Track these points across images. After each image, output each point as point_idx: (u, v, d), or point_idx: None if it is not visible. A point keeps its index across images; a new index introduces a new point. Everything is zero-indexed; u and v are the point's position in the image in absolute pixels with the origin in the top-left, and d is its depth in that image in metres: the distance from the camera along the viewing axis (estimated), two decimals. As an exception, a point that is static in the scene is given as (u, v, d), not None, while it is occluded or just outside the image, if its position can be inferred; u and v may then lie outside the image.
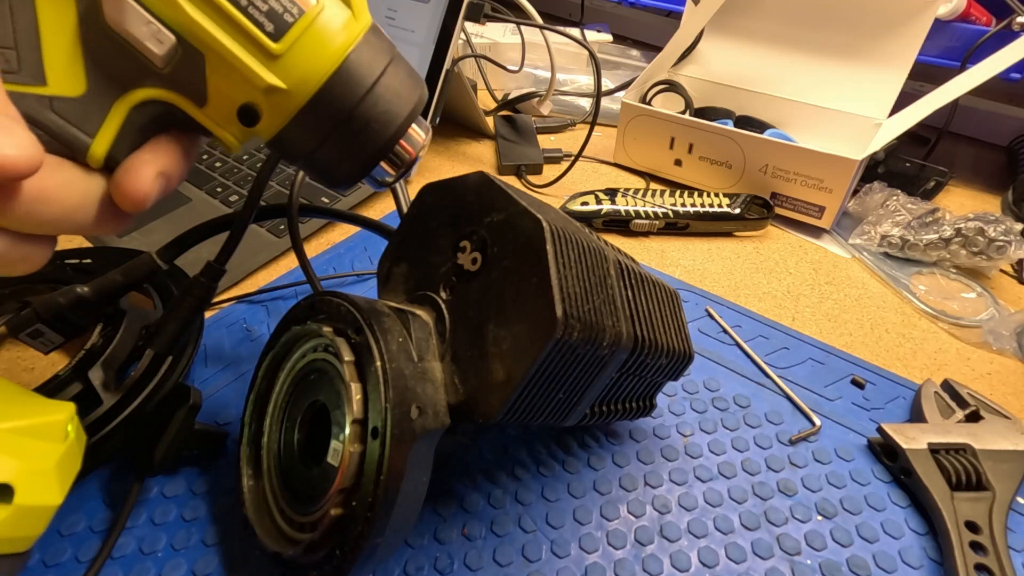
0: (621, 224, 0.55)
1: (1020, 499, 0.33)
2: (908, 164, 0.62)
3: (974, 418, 0.36)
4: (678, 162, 0.62)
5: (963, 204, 0.65)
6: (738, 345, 0.43)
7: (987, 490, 0.32)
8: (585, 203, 0.56)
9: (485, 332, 0.23)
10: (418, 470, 0.23)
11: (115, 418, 0.29)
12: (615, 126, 0.67)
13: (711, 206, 0.55)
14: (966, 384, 0.38)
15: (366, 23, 0.20)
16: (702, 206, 0.55)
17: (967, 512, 0.31)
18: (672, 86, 0.67)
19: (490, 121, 0.72)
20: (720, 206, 0.55)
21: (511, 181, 0.64)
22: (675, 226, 0.55)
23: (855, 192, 0.59)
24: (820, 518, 0.32)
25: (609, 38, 0.95)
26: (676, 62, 0.71)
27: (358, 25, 0.20)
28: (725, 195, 0.57)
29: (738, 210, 0.55)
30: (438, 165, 0.65)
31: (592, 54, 0.58)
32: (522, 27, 0.70)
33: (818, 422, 0.37)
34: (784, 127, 0.66)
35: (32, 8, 0.16)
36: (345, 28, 0.19)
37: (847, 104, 0.62)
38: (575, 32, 0.89)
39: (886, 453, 0.35)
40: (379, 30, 0.21)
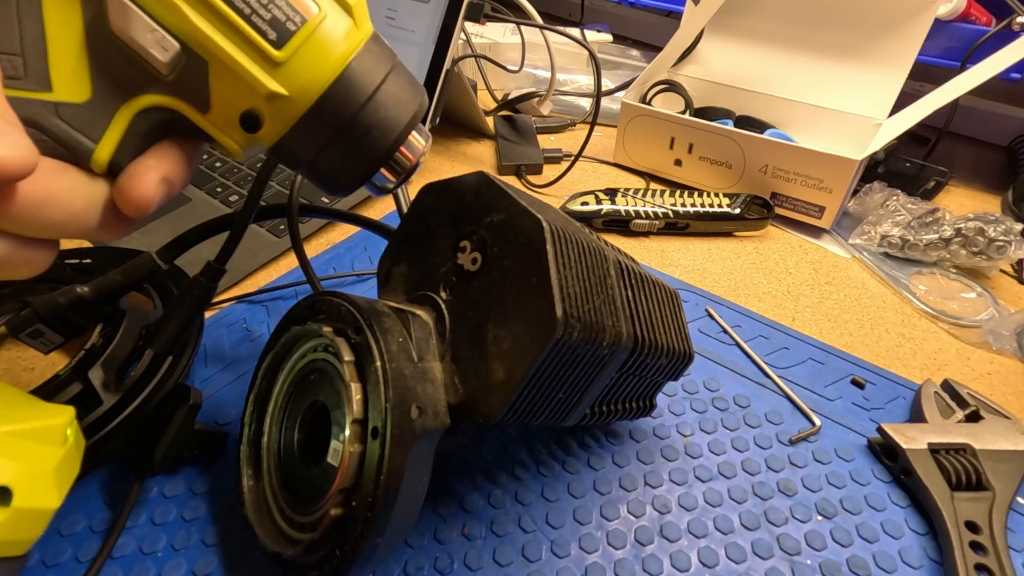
0: (621, 224, 0.55)
1: (1020, 499, 0.33)
2: (908, 164, 0.62)
3: (974, 418, 0.36)
4: (678, 162, 0.62)
5: (963, 204, 0.65)
6: (738, 345, 0.43)
7: (987, 490, 0.32)
8: (585, 203, 0.56)
9: (485, 332, 0.23)
10: (418, 470, 0.23)
11: (115, 418, 0.29)
12: (615, 126, 0.66)
13: (711, 206, 0.55)
14: (966, 384, 0.38)
15: (367, 32, 0.20)
16: (702, 206, 0.55)
17: (967, 512, 0.31)
18: (672, 86, 0.67)
19: (490, 121, 0.72)
20: (720, 206, 0.55)
21: (511, 181, 0.64)
22: (675, 226, 0.55)
23: (855, 192, 0.59)
24: (820, 518, 0.32)
25: (609, 38, 0.95)
26: (676, 62, 0.71)
27: (359, 34, 0.20)
28: (725, 195, 0.57)
29: (738, 210, 0.55)
30: (438, 165, 0.65)
31: (592, 54, 0.58)
32: (522, 27, 0.70)
33: (818, 422, 0.37)
34: (784, 127, 0.66)
35: (39, 16, 0.17)
36: (347, 36, 0.19)
37: (847, 104, 0.62)
38: (575, 32, 0.89)
39: (886, 453, 0.35)
40: (380, 39, 0.21)
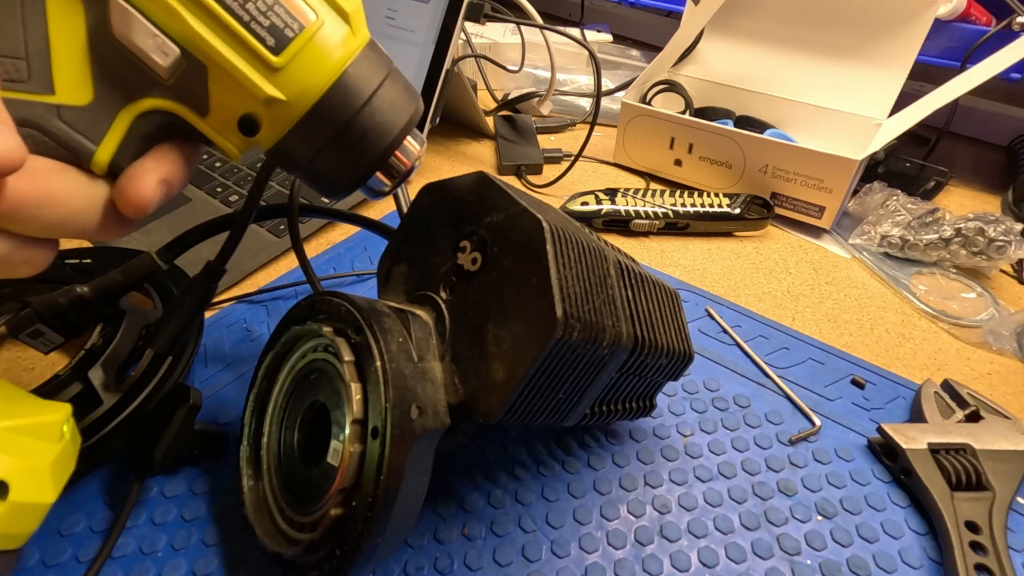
0: (621, 224, 0.55)
1: (1020, 499, 0.33)
2: (908, 164, 0.62)
3: (974, 418, 0.36)
4: (678, 162, 0.62)
5: (963, 204, 0.65)
6: (738, 345, 0.43)
7: (987, 490, 0.32)
8: (585, 203, 0.56)
9: (485, 332, 0.23)
10: (418, 470, 0.23)
11: (115, 418, 0.29)
12: (615, 126, 0.66)
13: (711, 206, 0.55)
14: (966, 384, 0.38)
15: (364, 39, 0.21)
16: (702, 206, 0.55)
17: (967, 512, 0.31)
18: (672, 86, 0.67)
19: (490, 121, 0.72)
20: (720, 206, 0.55)
21: (511, 181, 0.64)
22: (675, 226, 0.55)
23: (855, 192, 0.59)
24: (820, 518, 0.32)
25: (609, 38, 0.95)
26: (676, 62, 0.71)
27: (356, 40, 0.20)
28: (725, 195, 0.57)
29: (738, 210, 0.55)
30: (438, 165, 0.65)
31: (592, 54, 0.58)
32: (522, 27, 0.70)
33: (818, 422, 0.37)
34: (784, 127, 0.66)
35: (43, 20, 0.17)
36: (343, 43, 0.20)
37: (847, 104, 0.62)
38: (575, 32, 0.89)
39: (886, 453, 0.35)
40: (377, 46, 0.22)
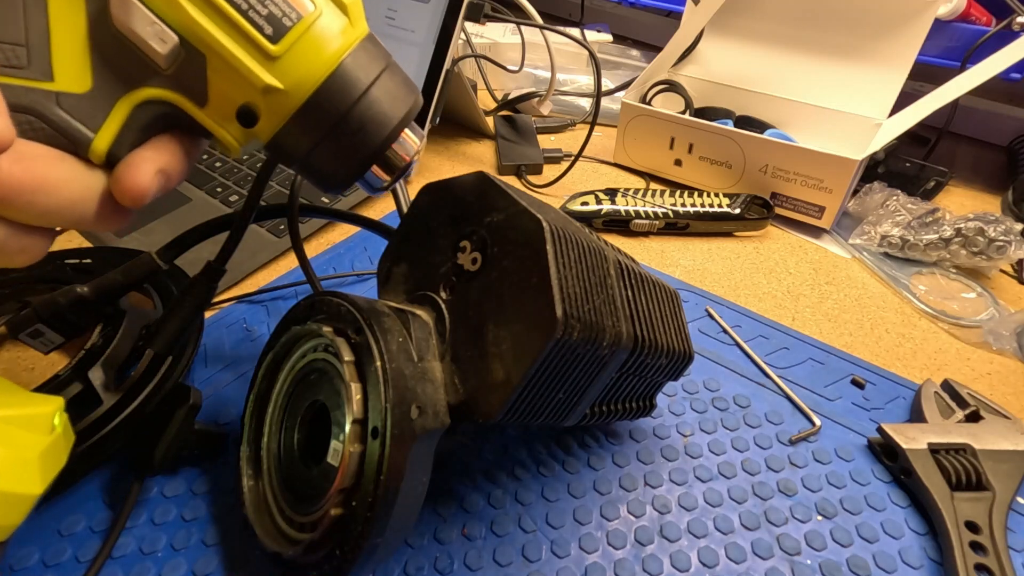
0: (621, 224, 0.55)
1: (1020, 499, 0.33)
2: (908, 164, 0.62)
3: (974, 418, 0.36)
4: (678, 162, 0.62)
5: (963, 204, 0.65)
6: (738, 345, 0.43)
7: (987, 490, 0.32)
8: (585, 203, 0.56)
9: (485, 332, 0.23)
10: (418, 470, 0.23)
11: (115, 418, 0.29)
12: (615, 126, 0.66)
13: (711, 206, 0.55)
14: (966, 384, 0.38)
15: (362, 31, 0.21)
16: (702, 206, 0.55)
17: (967, 512, 0.31)
18: (672, 86, 0.67)
19: (490, 121, 0.72)
20: (720, 206, 0.55)
21: (511, 181, 0.64)
22: (675, 226, 0.55)
23: (855, 192, 0.59)
24: (820, 518, 0.32)
25: (609, 38, 0.95)
26: (676, 62, 0.71)
27: (354, 32, 0.20)
28: (725, 195, 0.57)
29: (738, 210, 0.55)
30: (438, 165, 0.65)
31: (592, 54, 0.58)
32: (522, 27, 0.70)
33: (818, 422, 0.37)
34: (784, 127, 0.66)
35: (44, 8, 0.17)
36: (342, 34, 0.20)
37: (847, 104, 0.62)
38: (575, 32, 0.89)
39: (886, 453, 0.35)
40: (375, 39, 0.22)
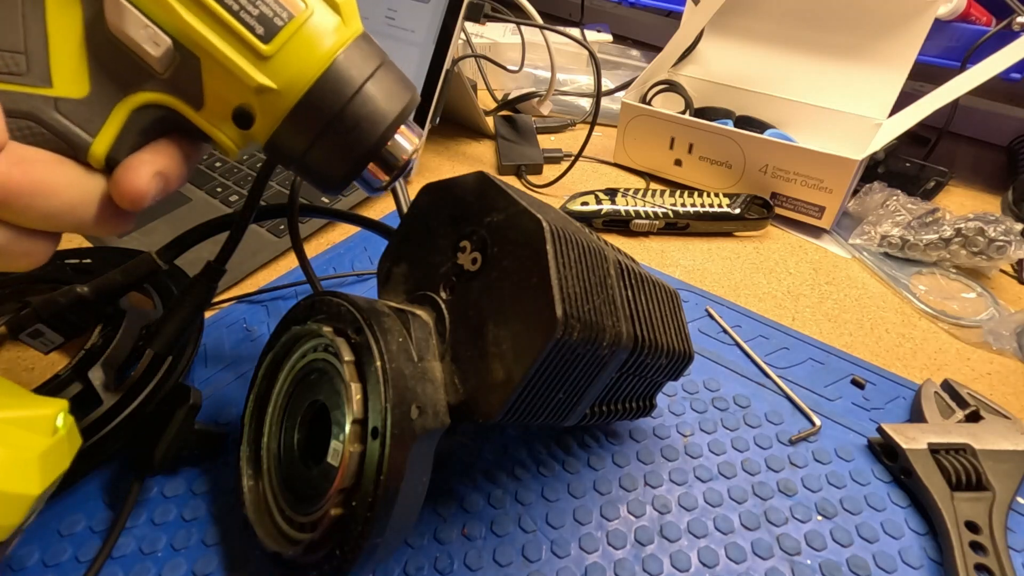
0: (621, 224, 0.55)
1: (1020, 499, 0.33)
2: (908, 164, 0.62)
3: (974, 418, 0.36)
4: (678, 162, 0.62)
5: (963, 204, 0.65)
6: (738, 345, 0.43)
7: (987, 490, 0.32)
8: (585, 203, 0.56)
9: (485, 332, 0.23)
10: (418, 470, 0.23)
11: (115, 418, 0.29)
12: (615, 126, 0.67)
13: (711, 206, 0.55)
14: (966, 384, 0.38)
15: (356, 30, 0.21)
16: (702, 206, 0.55)
17: (967, 512, 0.31)
18: (672, 86, 0.67)
19: (490, 121, 0.72)
20: (720, 206, 0.55)
21: (511, 181, 0.64)
22: (675, 226, 0.55)
23: (855, 192, 0.59)
24: (820, 518, 0.32)
25: (609, 38, 0.95)
26: (676, 62, 0.71)
27: (348, 30, 0.20)
28: (725, 195, 0.57)
29: (738, 210, 0.55)
30: (438, 165, 0.65)
31: (592, 54, 0.58)
32: (522, 27, 0.70)
33: (818, 422, 0.37)
34: (784, 127, 0.66)
35: (42, 16, 0.17)
36: (334, 32, 0.20)
37: (847, 104, 0.62)
38: (575, 32, 0.89)
39: (886, 453, 0.35)
40: (370, 38, 0.22)
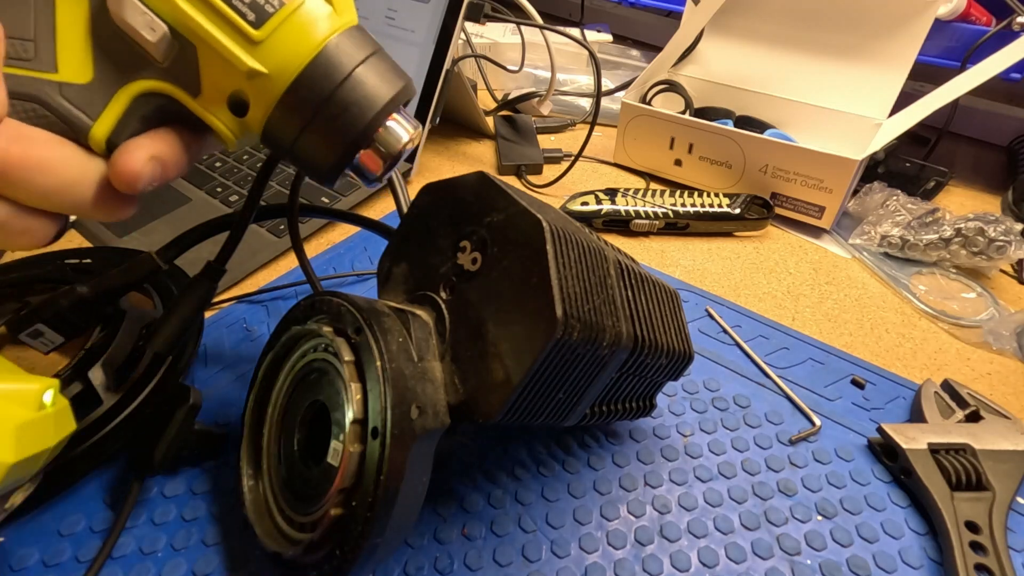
0: (621, 224, 0.55)
1: (1020, 499, 0.33)
2: (908, 164, 0.62)
3: (974, 418, 0.36)
4: (678, 162, 0.62)
5: (963, 204, 0.65)
6: (738, 345, 0.43)
7: (987, 490, 0.32)
8: (585, 203, 0.56)
9: (485, 332, 0.23)
10: (418, 470, 0.23)
11: (115, 418, 0.29)
12: (615, 126, 0.66)
13: (711, 206, 0.55)
14: (966, 384, 0.38)
15: (349, 21, 0.21)
16: (702, 206, 0.55)
17: (967, 512, 0.31)
18: (672, 86, 0.67)
19: (490, 121, 0.72)
20: (720, 206, 0.55)
21: (511, 181, 0.64)
22: (675, 226, 0.55)
23: (855, 192, 0.59)
24: (820, 518, 0.32)
25: (609, 38, 0.95)
26: (676, 62, 0.71)
27: (340, 20, 0.21)
28: (725, 195, 0.57)
29: (738, 210, 0.55)
30: (438, 165, 0.65)
31: (592, 54, 0.58)
32: (522, 27, 0.70)
33: (818, 422, 0.37)
34: (784, 127, 0.66)
35: (52, 7, 0.19)
36: (327, 20, 0.20)
37: (847, 104, 0.62)
38: (575, 32, 0.89)
39: (886, 453, 0.35)
40: (364, 30, 0.22)
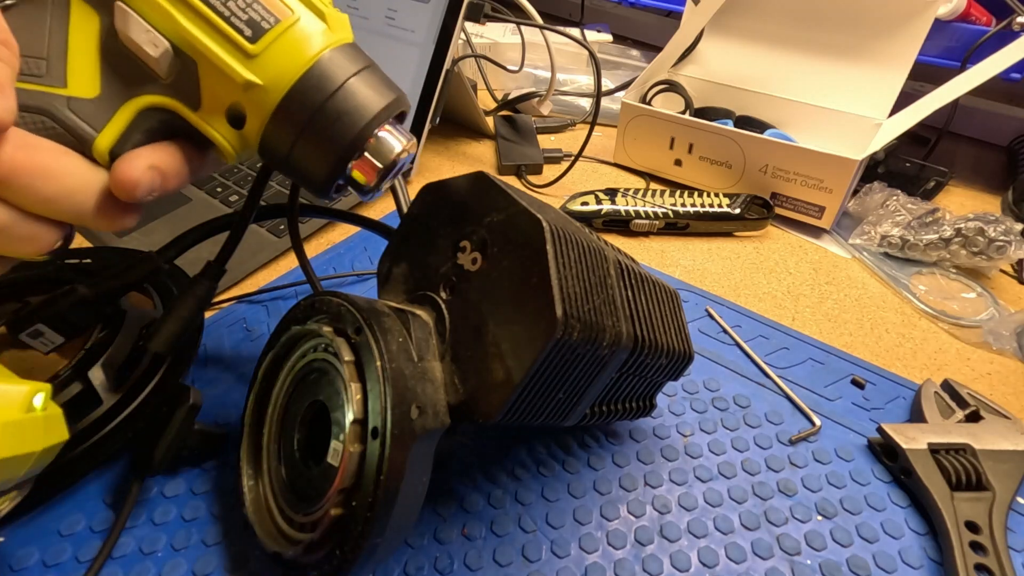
0: (621, 224, 0.55)
1: (1020, 499, 0.33)
2: (908, 164, 0.62)
3: (974, 418, 0.36)
4: (678, 162, 0.62)
5: (963, 204, 0.65)
6: (738, 345, 0.43)
7: (987, 490, 0.32)
8: (585, 203, 0.56)
9: (485, 332, 0.23)
10: (418, 470, 0.23)
11: (115, 418, 0.29)
12: (615, 126, 0.67)
13: (711, 206, 0.55)
14: (966, 384, 0.38)
15: (343, 37, 0.22)
16: (702, 206, 0.55)
17: (967, 512, 0.31)
18: (672, 86, 0.67)
19: (490, 121, 0.72)
20: (720, 206, 0.55)
21: (511, 181, 0.64)
22: (675, 226, 0.55)
23: (855, 192, 0.59)
24: (820, 518, 0.32)
25: (609, 38, 0.95)
26: (676, 62, 0.71)
27: (334, 36, 0.22)
28: (725, 195, 0.57)
29: (738, 210, 0.55)
30: (438, 165, 0.65)
31: (592, 54, 0.58)
32: (522, 27, 0.70)
33: (818, 422, 0.37)
34: (784, 127, 0.66)
35: (66, 27, 0.20)
36: (320, 36, 0.21)
37: (847, 104, 0.62)
38: (575, 32, 0.89)
39: (886, 453, 0.35)
40: (358, 48, 0.23)
